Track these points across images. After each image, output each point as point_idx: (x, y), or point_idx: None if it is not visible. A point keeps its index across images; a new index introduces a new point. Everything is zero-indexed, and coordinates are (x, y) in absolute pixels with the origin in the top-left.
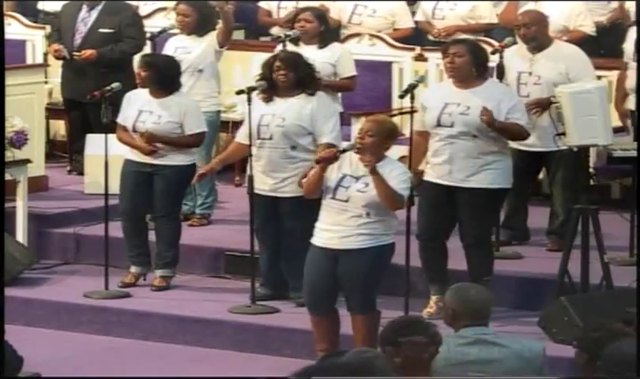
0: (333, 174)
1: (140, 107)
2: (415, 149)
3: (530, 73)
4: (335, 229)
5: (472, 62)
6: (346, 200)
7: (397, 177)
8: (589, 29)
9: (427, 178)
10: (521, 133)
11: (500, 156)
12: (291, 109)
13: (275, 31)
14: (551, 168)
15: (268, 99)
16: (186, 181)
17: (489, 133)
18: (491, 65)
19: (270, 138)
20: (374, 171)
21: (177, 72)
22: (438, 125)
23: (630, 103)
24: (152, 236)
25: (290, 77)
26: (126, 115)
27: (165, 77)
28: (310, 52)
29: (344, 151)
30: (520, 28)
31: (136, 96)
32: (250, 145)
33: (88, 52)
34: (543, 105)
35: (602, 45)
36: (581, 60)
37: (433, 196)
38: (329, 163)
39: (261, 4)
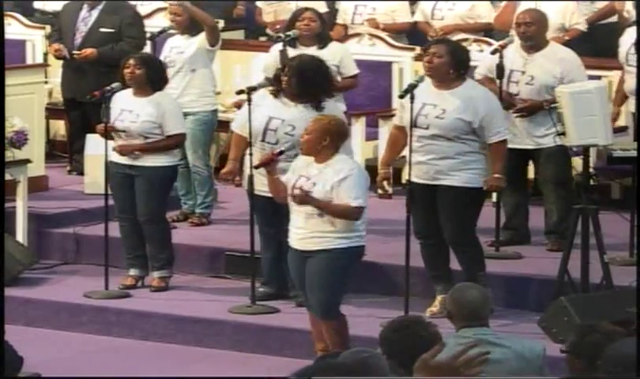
0: (293, 174)
1: (122, 106)
2: (392, 143)
3: (523, 73)
4: (295, 231)
5: (450, 63)
6: None
7: (347, 188)
8: (583, 26)
9: (411, 177)
10: (506, 148)
11: (477, 157)
12: (301, 118)
13: (269, 31)
14: (540, 166)
15: (275, 95)
16: (169, 181)
17: (466, 135)
18: (473, 65)
19: (276, 143)
20: (304, 200)
21: (165, 74)
22: (415, 126)
23: (631, 106)
24: None
25: (293, 86)
26: (111, 115)
27: (159, 77)
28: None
29: (281, 152)
30: (520, 26)
31: (119, 97)
32: (249, 145)
33: (87, 51)
34: (533, 109)
35: (594, 44)
36: (576, 64)
37: (418, 195)
38: (268, 166)
39: (259, 3)
